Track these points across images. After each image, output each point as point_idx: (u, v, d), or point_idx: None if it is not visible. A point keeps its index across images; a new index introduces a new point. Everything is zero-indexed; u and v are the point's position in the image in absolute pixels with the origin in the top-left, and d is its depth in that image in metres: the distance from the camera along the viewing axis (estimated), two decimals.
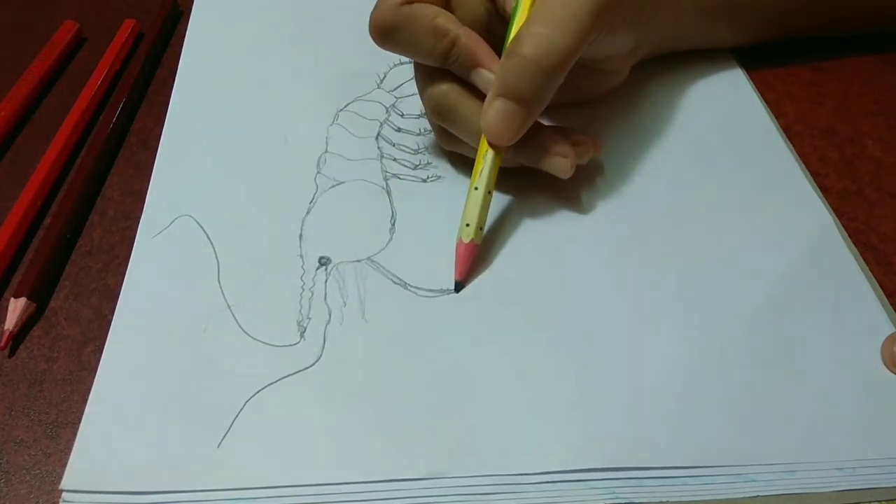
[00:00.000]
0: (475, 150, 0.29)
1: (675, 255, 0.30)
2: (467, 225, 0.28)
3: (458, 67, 0.29)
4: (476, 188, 0.29)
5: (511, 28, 0.29)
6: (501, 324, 0.27)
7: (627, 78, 0.36)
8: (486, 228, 0.30)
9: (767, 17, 0.37)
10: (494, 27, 0.31)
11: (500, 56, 0.29)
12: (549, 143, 0.29)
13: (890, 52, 0.40)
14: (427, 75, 0.30)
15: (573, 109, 0.35)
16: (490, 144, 0.29)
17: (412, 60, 0.31)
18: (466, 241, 0.28)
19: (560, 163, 0.29)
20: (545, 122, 0.35)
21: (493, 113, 0.28)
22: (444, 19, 0.28)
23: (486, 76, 0.29)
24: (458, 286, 0.28)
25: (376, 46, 0.30)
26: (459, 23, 0.29)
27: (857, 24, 0.39)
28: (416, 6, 0.28)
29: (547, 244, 0.30)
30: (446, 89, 0.30)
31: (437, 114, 0.31)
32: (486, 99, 0.28)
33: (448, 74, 0.30)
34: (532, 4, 0.28)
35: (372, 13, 0.29)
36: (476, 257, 0.29)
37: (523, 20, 0.28)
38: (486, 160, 0.29)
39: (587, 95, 0.35)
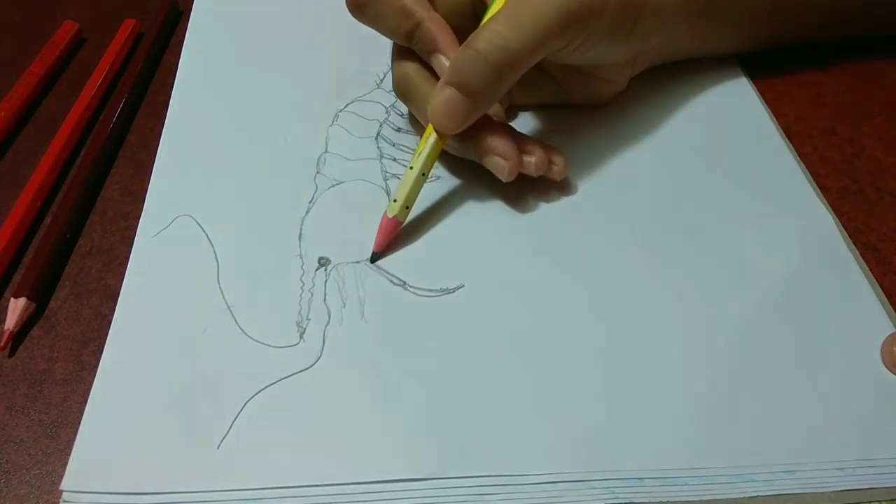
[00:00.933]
0: None
1: (675, 254, 0.30)
2: (394, 201, 0.29)
3: (421, 50, 0.30)
4: (411, 168, 0.29)
5: (484, 19, 0.29)
6: (501, 324, 0.27)
7: None
8: (501, 233, 0.30)
9: (766, 26, 0.37)
10: (481, 15, 0.31)
11: None
12: (494, 142, 0.29)
13: (890, 52, 0.40)
14: (398, 55, 0.31)
15: (572, 112, 0.35)
16: (434, 129, 0.29)
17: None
18: (390, 216, 0.29)
19: (499, 163, 0.29)
20: (541, 124, 0.35)
21: (440, 100, 0.28)
22: (412, 1, 0.29)
23: (443, 62, 0.29)
24: (375, 257, 0.29)
25: (377, 46, 0.30)
26: (430, 7, 0.29)
27: (854, 32, 0.39)
28: None
29: (547, 244, 0.30)
30: (410, 70, 0.31)
31: (400, 93, 0.32)
32: (438, 85, 0.28)
33: (415, 56, 0.30)
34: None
35: None
36: (398, 234, 0.30)
37: (494, 13, 0.28)
38: (427, 143, 0.29)
39: (586, 100, 0.35)
